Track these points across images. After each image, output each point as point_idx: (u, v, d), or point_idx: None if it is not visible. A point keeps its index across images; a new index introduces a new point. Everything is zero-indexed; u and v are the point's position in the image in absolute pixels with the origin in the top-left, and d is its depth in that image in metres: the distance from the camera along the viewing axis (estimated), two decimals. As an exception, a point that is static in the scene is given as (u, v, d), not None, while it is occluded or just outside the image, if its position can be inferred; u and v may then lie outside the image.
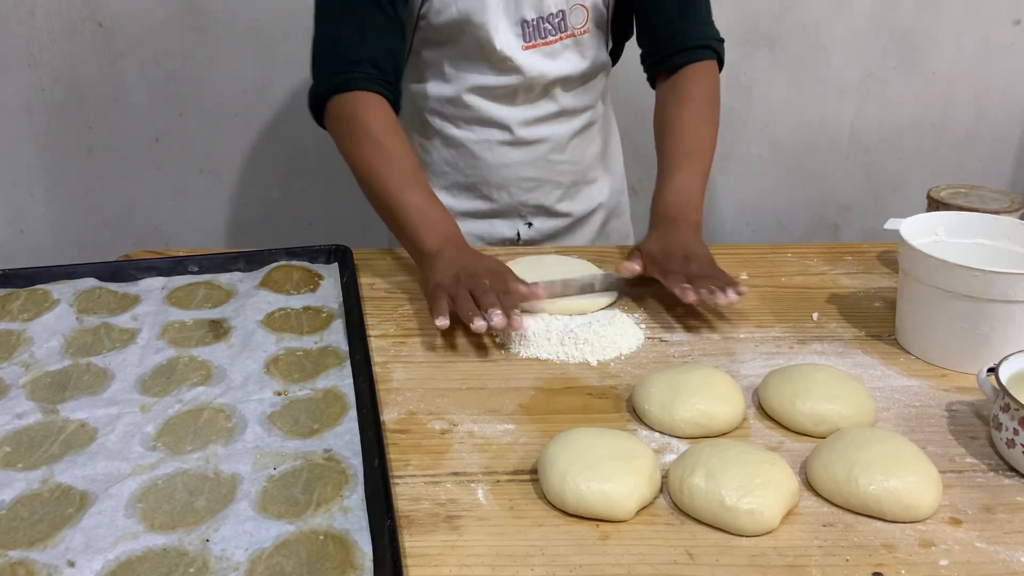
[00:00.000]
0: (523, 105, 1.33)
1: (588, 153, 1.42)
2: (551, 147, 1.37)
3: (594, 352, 1.00)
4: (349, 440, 0.82)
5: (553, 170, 1.39)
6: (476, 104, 1.31)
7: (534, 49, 1.27)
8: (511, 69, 1.27)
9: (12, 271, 1.13)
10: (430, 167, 1.40)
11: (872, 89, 1.95)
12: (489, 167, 1.36)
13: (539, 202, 1.41)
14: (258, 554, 0.68)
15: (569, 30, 1.28)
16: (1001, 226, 1.05)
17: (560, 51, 1.29)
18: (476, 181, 1.38)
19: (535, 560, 0.69)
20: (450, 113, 1.34)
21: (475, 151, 1.35)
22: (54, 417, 0.86)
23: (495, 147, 1.35)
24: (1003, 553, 0.70)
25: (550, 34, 1.27)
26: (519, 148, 1.35)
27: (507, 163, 1.36)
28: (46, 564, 0.67)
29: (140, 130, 1.94)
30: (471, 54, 1.27)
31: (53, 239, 2.04)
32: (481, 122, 1.33)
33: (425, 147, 1.40)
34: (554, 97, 1.33)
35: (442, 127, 1.35)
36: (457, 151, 1.36)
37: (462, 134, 1.35)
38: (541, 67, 1.28)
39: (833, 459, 0.77)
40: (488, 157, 1.36)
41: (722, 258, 1.27)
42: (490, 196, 1.39)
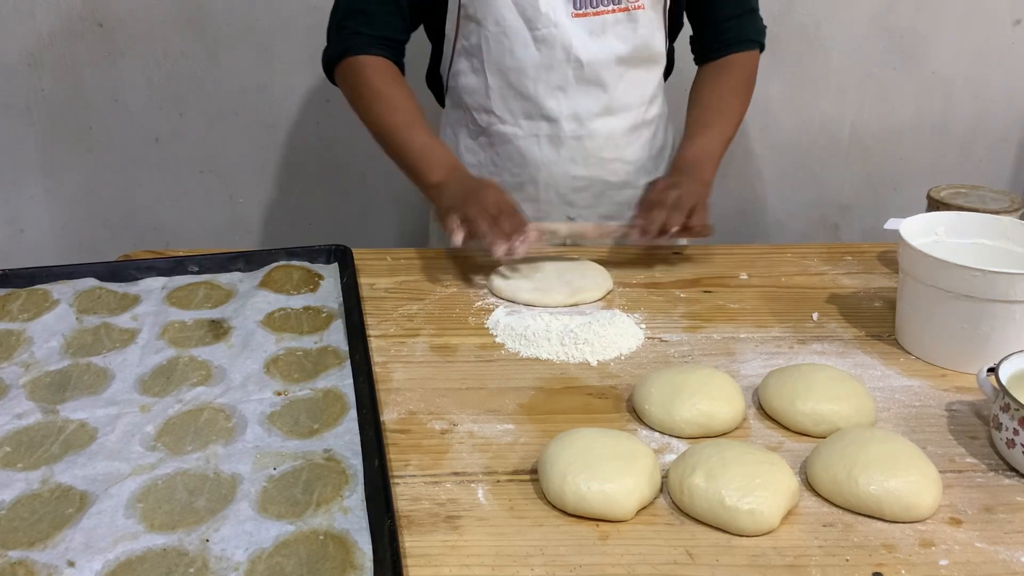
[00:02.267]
0: (572, 93, 1.28)
1: (643, 154, 1.38)
2: (602, 143, 1.32)
3: (594, 352, 1.00)
4: (349, 440, 0.82)
5: (604, 169, 1.35)
6: (523, 90, 1.27)
7: (583, 19, 1.23)
8: (556, 42, 1.23)
9: (12, 271, 1.13)
10: (476, 168, 1.36)
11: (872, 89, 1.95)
12: (537, 165, 1.32)
13: (588, 203, 1.36)
14: (258, 554, 0.68)
15: (623, 3, 1.23)
16: (1001, 226, 1.05)
17: (611, 25, 1.25)
18: (523, 180, 1.34)
19: (535, 560, 0.69)
20: (495, 108, 1.30)
21: (521, 148, 1.32)
22: (54, 417, 0.86)
23: (542, 143, 1.31)
24: (1003, 553, 0.70)
25: (602, 3, 1.23)
26: (568, 144, 1.31)
27: (555, 160, 1.32)
28: (46, 564, 0.67)
29: (140, 130, 1.94)
30: (515, 31, 1.23)
31: (53, 239, 2.04)
32: (527, 115, 1.29)
33: (471, 148, 1.36)
34: (605, 85, 1.28)
35: (488, 123, 1.32)
36: (503, 149, 1.33)
37: (508, 130, 1.31)
38: (587, 42, 1.24)
39: (833, 459, 0.77)
40: (535, 154, 1.32)
41: (722, 258, 1.27)
42: (537, 196, 1.35)
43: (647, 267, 1.24)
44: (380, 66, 1.27)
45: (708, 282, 1.20)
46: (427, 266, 1.24)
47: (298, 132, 1.97)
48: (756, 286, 1.18)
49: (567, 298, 1.11)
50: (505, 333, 1.05)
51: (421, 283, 1.19)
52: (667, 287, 1.18)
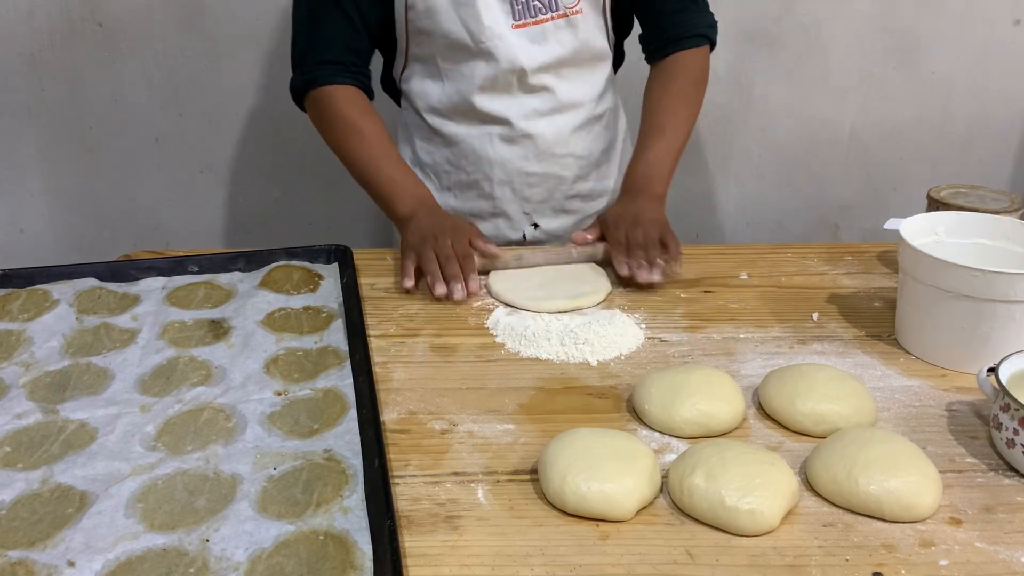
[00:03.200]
0: (520, 97, 1.31)
1: (594, 148, 1.41)
2: (553, 140, 1.35)
3: (594, 352, 1.00)
4: (349, 440, 0.82)
5: (556, 164, 1.37)
6: (472, 99, 1.30)
7: (523, 29, 1.25)
8: (500, 54, 1.25)
9: (12, 271, 1.13)
10: (432, 168, 1.40)
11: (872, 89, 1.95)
12: (491, 163, 1.35)
13: (543, 198, 1.40)
14: (258, 554, 0.68)
15: (561, 9, 1.26)
16: (1001, 226, 1.05)
17: (552, 32, 1.27)
18: (478, 178, 1.37)
19: (535, 560, 0.69)
20: (447, 111, 1.33)
21: (475, 147, 1.34)
22: (54, 417, 0.86)
23: (495, 142, 1.34)
24: (1003, 553, 0.70)
25: (540, 12, 1.25)
26: (520, 142, 1.34)
27: (508, 158, 1.35)
28: (46, 564, 0.67)
29: (140, 130, 1.94)
30: (461, 43, 1.25)
31: (53, 239, 2.04)
32: (480, 118, 1.32)
33: (427, 148, 1.39)
34: (551, 88, 1.31)
35: (441, 126, 1.35)
36: (457, 148, 1.36)
37: (461, 131, 1.34)
38: (531, 51, 1.27)
39: (833, 459, 0.77)
40: (489, 153, 1.34)
41: (722, 258, 1.27)
42: (492, 194, 1.38)
43: (647, 267, 1.24)
44: (348, 96, 1.29)
45: (708, 282, 1.20)
46: (427, 266, 1.24)
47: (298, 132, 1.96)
48: (756, 286, 1.18)
49: (567, 304, 1.11)
50: (505, 333, 1.05)
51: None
52: (667, 287, 1.18)
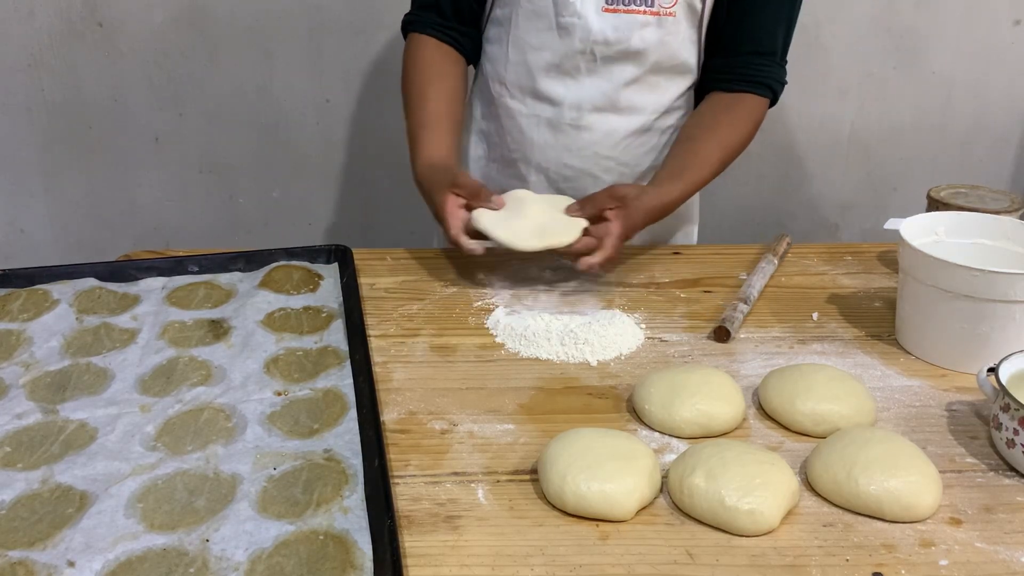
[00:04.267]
0: (584, 83, 1.27)
1: (643, 160, 1.34)
2: (601, 139, 1.30)
3: (594, 352, 1.00)
4: (349, 440, 0.82)
5: (598, 165, 1.33)
6: (533, 74, 1.27)
7: (612, 15, 1.22)
8: (576, 32, 1.22)
9: (12, 271, 1.13)
10: (486, 136, 1.39)
11: (872, 89, 1.95)
12: (533, 146, 1.33)
13: (575, 195, 1.30)
14: (258, 554, 0.68)
15: (655, 7, 1.22)
16: (1001, 226, 1.05)
17: (638, 27, 1.22)
18: (518, 158, 1.35)
19: (535, 560, 0.69)
20: (508, 81, 1.31)
21: (522, 125, 1.32)
22: (54, 417, 0.86)
23: (541, 125, 1.31)
24: (1003, 553, 0.70)
25: (634, 3, 1.21)
26: (566, 131, 1.30)
27: (551, 144, 1.31)
28: (46, 564, 0.67)
29: (140, 130, 1.94)
30: (543, 12, 1.23)
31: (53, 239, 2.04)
32: (533, 94, 1.30)
33: (485, 114, 1.38)
34: (614, 83, 1.26)
35: (499, 94, 1.33)
36: (508, 122, 1.34)
37: (514, 105, 1.32)
38: (609, 37, 1.22)
39: (833, 459, 0.77)
40: (533, 135, 1.32)
41: (722, 258, 1.27)
42: (527, 177, 1.35)
43: (647, 267, 1.24)
44: (428, 49, 1.31)
45: (708, 282, 1.20)
46: (427, 266, 1.24)
47: (298, 132, 1.97)
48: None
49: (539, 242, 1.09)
50: (505, 333, 1.05)
51: (421, 283, 1.19)
52: (667, 287, 1.18)
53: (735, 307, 1.08)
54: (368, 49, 1.90)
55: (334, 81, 1.93)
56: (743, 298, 1.10)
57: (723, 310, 1.10)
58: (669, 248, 1.33)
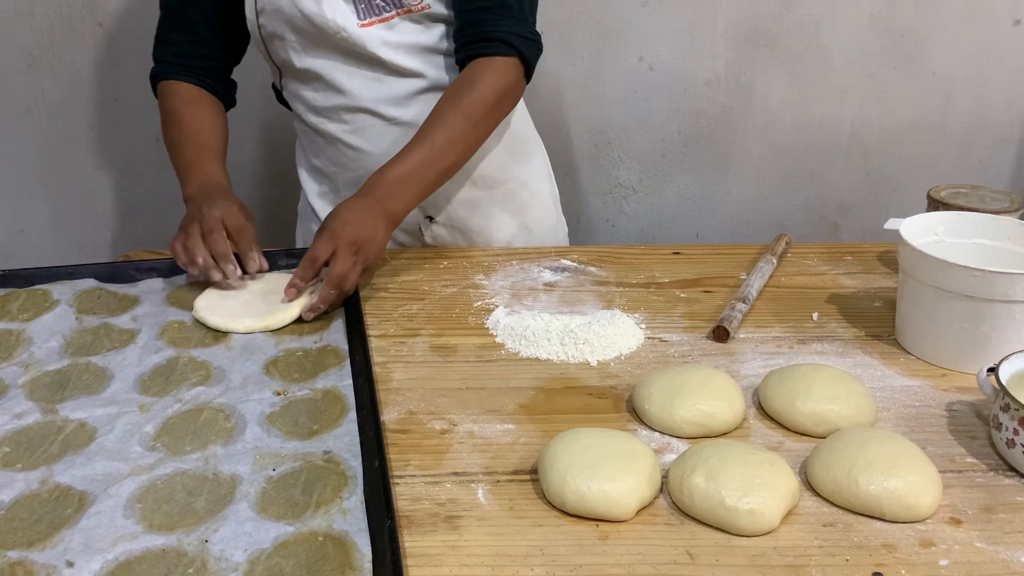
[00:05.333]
0: (388, 83, 1.25)
1: None
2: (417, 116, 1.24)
3: (594, 352, 1.00)
4: (348, 442, 0.82)
5: None
6: (339, 88, 1.25)
7: (368, 28, 1.21)
8: (355, 44, 1.20)
9: (12, 271, 1.13)
10: (324, 171, 1.36)
11: (872, 89, 1.95)
12: (369, 156, 1.28)
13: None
14: (257, 555, 0.68)
15: (405, 5, 1.21)
16: (1001, 226, 1.05)
17: (400, 25, 1.22)
18: (361, 175, 1.24)
19: (535, 560, 0.69)
20: (321, 108, 1.29)
21: (352, 142, 1.29)
22: (53, 417, 0.86)
23: (369, 134, 1.28)
24: (1003, 553, 0.70)
25: (384, 10, 1.21)
26: (394, 131, 1.27)
27: (386, 149, 1.25)
28: (45, 564, 0.67)
29: (140, 130, 1.94)
30: (314, 37, 1.22)
31: (53, 239, 2.04)
32: (349, 109, 1.27)
33: (315, 151, 1.36)
34: (417, 72, 1.25)
35: (318, 124, 1.31)
36: (337, 148, 1.31)
37: (336, 127, 1.29)
38: (385, 39, 1.21)
39: (833, 459, 0.77)
40: (365, 146, 1.29)
41: (722, 258, 1.27)
42: None
43: (647, 267, 1.24)
44: (181, 91, 1.31)
45: (708, 282, 1.20)
46: (427, 266, 1.24)
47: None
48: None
49: (256, 323, 1.04)
50: (505, 333, 1.05)
51: (421, 283, 1.19)
52: (667, 287, 1.18)
53: (733, 306, 1.08)
54: (368, 49, 1.89)
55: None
56: (741, 297, 1.10)
57: (723, 310, 1.10)
58: (669, 248, 1.33)
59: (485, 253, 1.29)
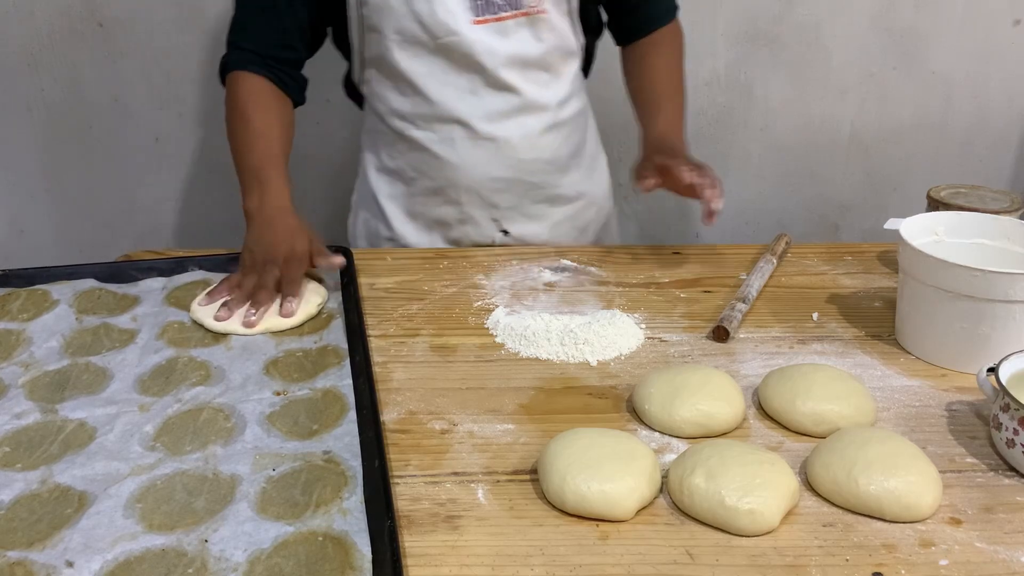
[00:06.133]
0: (484, 97, 1.26)
1: (561, 152, 1.36)
2: (519, 144, 1.30)
3: (594, 352, 1.00)
4: (348, 442, 0.82)
5: (524, 169, 1.33)
6: (429, 97, 1.26)
7: (484, 26, 1.21)
8: (457, 50, 1.21)
9: (12, 271, 1.13)
10: (399, 174, 1.36)
11: (872, 89, 1.95)
12: (455, 168, 1.30)
13: (511, 204, 1.35)
14: (257, 555, 0.68)
15: (523, 8, 1.22)
16: (1001, 226, 1.05)
17: (514, 29, 1.23)
18: (443, 185, 1.32)
19: (535, 560, 0.69)
20: (408, 113, 1.29)
21: (438, 152, 1.30)
22: (53, 417, 0.86)
23: (457, 146, 1.29)
24: (1003, 553, 0.70)
25: (502, 9, 1.21)
26: (484, 146, 1.29)
27: (472, 162, 1.30)
28: (45, 564, 0.67)
29: (140, 130, 1.94)
30: (417, 40, 1.22)
31: (53, 239, 2.04)
32: (440, 119, 1.28)
33: (391, 154, 1.35)
34: (516, 88, 1.27)
35: (403, 129, 1.30)
36: (421, 154, 1.31)
37: (422, 135, 1.29)
38: (491, 47, 1.22)
39: (833, 459, 0.77)
40: (452, 157, 1.30)
41: (723, 258, 1.27)
42: (459, 200, 1.33)
43: (647, 267, 1.24)
44: (251, 84, 1.25)
45: (708, 282, 1.20)
46: (427, 266, 1.24)
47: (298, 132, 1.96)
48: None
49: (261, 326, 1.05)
50: (505, 333, 1.05)
51: (421, 283, 1.19)
52: (667, 287, 1.18)
53: (733, 306, 1.08)
54: (368, 49, 1.89)
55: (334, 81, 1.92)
56: (741, 297, 1.10)
57: (723, 310, 1.10)
58: (669, 248, 1.33)
59: (485, 253, 1.29)
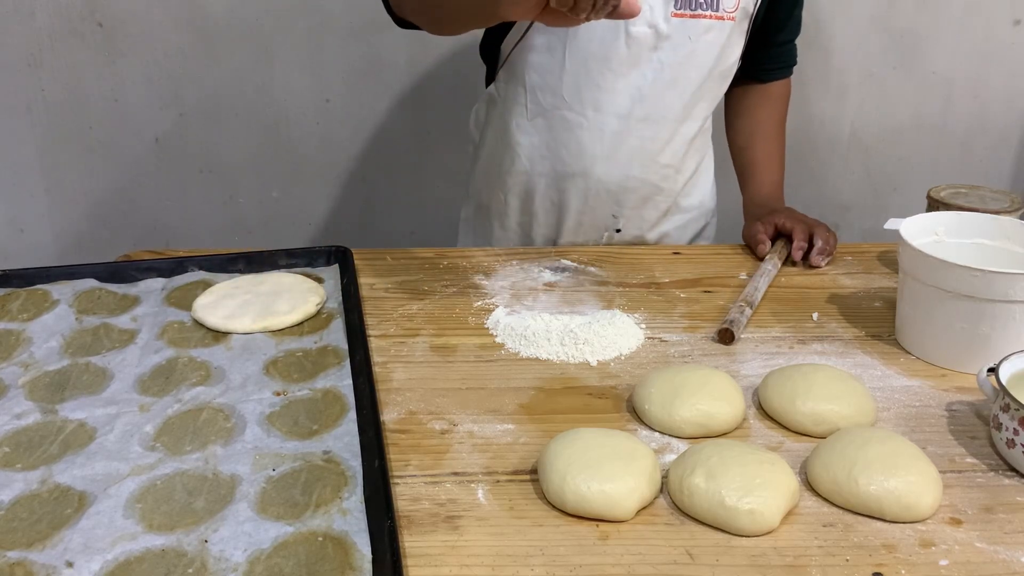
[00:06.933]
0: (647, 96, 1.24)
1: (693, 165, 1.36)
2: (663, 148, 1.29)
3: (594, 352, 1.00)
4: (348, 442, 0.82)
5: (658, 173, 1.32)
6: (598, 82, 1.23)
7: (680, 20, 1.19)
8: (646, 42, 1.19)
9: (12, 271, 1.13)
10: (527, 150, 1.32)
11: (872, 89, 1.95)
12: (594, 158, 1.28)
13: (635, 205, 1.33)
14: (257, 555, 0.68)
15: (720, 11, 1.21)
16: (1001, 226, 1.05)
17: (703, 32, 1.22)
18: (576, 172, 1.30)
19: (535, 560, 0.69)
20: (564, 92, 1.25)
21: (582, 139, 1.27)
22: (53, 417, 0.86)
23: (605, 138, 1.27)
24: (1003, 553, 0.70)
25: (700, 8, 1.20)
26: (629, 143, 1.27)
27: (614, 157, 1.28)
28: (44, 564, 0.67)
29: (140, 130, 1.94)
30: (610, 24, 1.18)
31: (53, 239, 2.04)
32: (596, 107, 1.25)
33: (524, 128, 1.31)
34: (681, 92, 1.25)
35: (552, 106, 1.26)
36: (563, 136, 1.28)
37: (572, 118, 1.26)
38: (676, 45, 1.21)
39: (833, 459, 0.77)
40: (597, 148, 1.27)
41: (722, 258, 1.27)
42: (587, 190, 1.31)
43: (647, 267, 1.24)
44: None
45: (708, 282, 1.20)
46: (427, 266, 1.24)
47: (298, 132, 1.97)
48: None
49: (256, 323, 1.03)
50: (505, 333, 1.05)
51: (421, 283, 1.19)
52: (667, 287, 1.18)
53: (742, 310, 1.07)
54: (368, 49, 1.90)
55: (334, 81, 1.93)
56: (749, 302, 1.10)
57: (724, 310, 1.10)
58: (669, 248, 1.33)
59: (485, 253, 1.29)
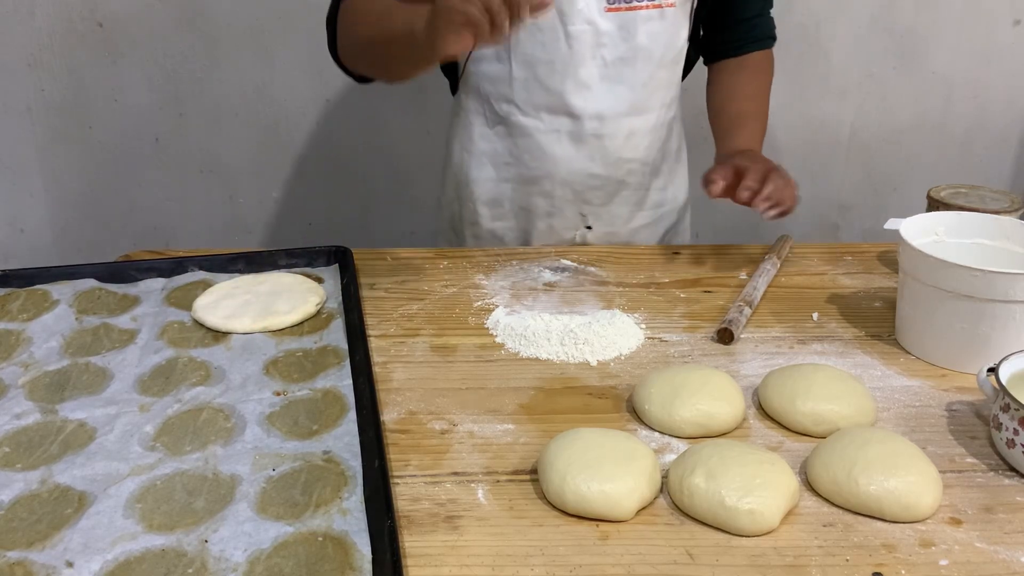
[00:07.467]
0: (596, 93, 1.25)
1: (657, 156, 1.36)
2: (623, 143, 1.30)
3: (594, 352, 1.00)
4: (348, 442, 0.82)
5: (621, 169, 1.32)
6: (546, 85, 1.24)
7: (616, 14, 1.20)
8: (586, 39, 1.20)
9: (12, 271, 1.13)
10: (491, 158, 1.34)
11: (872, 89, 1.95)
12: (556, 160, 1.30)
13: (602, 202, 1.34)
14: (257, 555, 0.68)
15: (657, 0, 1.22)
16: (1001, 226, 1.05)
17: (642, 22, 1.22)
18: (540, 175, 1.32)
19: (535, 560, 0.69)
20: (517, 99, 1.27)
21: (541, 142, 1.29)
22: (53, 417, 0.86)
23: (563, 139, 1.28)
24: (1003, 553, 0.70)
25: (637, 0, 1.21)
26: (589, 141, 1.28)
27: (575, 156, 1.29)
28: (44, 564, 0.67)
29: (140, 130, 1.94)
30: (547, 23, 1.19)
31: (53, 239, 2.04)
32: (549, 109, 1.26)
33: (488, 136, 1.33)
34: (630, 85, 1.26)
35: (507, 113, 1.28)
36: (522, 141, 1.30)
37: (528, 122, 1.28)
38: (616, 39, 1.22)
39: (833, 459, 0.77)
40: (555, 150, 1.29)
41: (723, 258, 1.27)
42: (552, 192, 1.33)
43: (647, 267, 1.24)
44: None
45: (708, 282, 1.20)
46: (427, 266, 1.24)
47: (298, 132, 1.97)
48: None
49: (255, 323, 1.04)
50: (505, 333, 1.05)
51: (421, 283, 1.19)
52: (667, 287, 1.18)
53: (741, 310, 1.07)
54: (368, 49, 1.89)
55: (334, 81, 1.93)
56: (748, 301, 1.10)
57: (723, 310, 1.10)
58: (669, 248, 1.33)
59: (485, 253, 1.29)
